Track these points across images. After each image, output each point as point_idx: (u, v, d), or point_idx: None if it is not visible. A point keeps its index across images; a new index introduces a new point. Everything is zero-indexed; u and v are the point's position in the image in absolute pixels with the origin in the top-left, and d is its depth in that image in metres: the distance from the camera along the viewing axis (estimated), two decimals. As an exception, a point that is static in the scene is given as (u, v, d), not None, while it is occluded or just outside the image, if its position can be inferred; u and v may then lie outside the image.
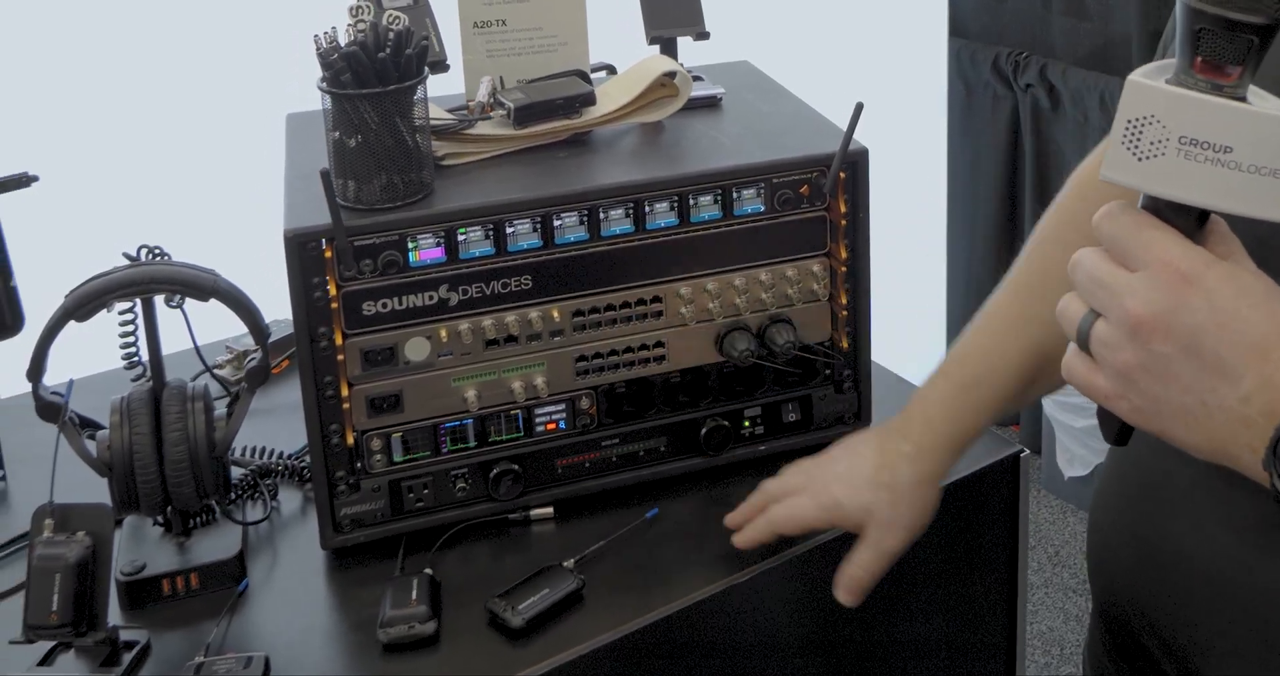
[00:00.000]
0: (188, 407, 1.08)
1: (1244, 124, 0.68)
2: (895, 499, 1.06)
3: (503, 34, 1.26)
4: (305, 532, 1.18)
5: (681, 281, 1.17)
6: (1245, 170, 0.68)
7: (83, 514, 0.99)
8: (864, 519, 1.06)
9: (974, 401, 1.07)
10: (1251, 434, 0.69)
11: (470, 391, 1.13)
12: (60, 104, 1.86)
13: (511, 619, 1.04)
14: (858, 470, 1.08)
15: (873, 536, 1.06)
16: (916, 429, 1.08)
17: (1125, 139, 0.69)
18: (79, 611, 0.97)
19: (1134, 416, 0.73)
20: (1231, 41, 0.67)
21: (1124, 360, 0.71)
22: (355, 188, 1.08)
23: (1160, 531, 0.90)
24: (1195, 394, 0.70)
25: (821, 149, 1.19)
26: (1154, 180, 0.70)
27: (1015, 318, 1.08)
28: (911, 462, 1.07)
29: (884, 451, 1.08)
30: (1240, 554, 0.84)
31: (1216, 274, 0.69)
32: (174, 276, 1.06)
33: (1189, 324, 0.69)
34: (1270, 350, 0.69)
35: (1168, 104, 0.68)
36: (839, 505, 1.07)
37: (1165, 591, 0.90)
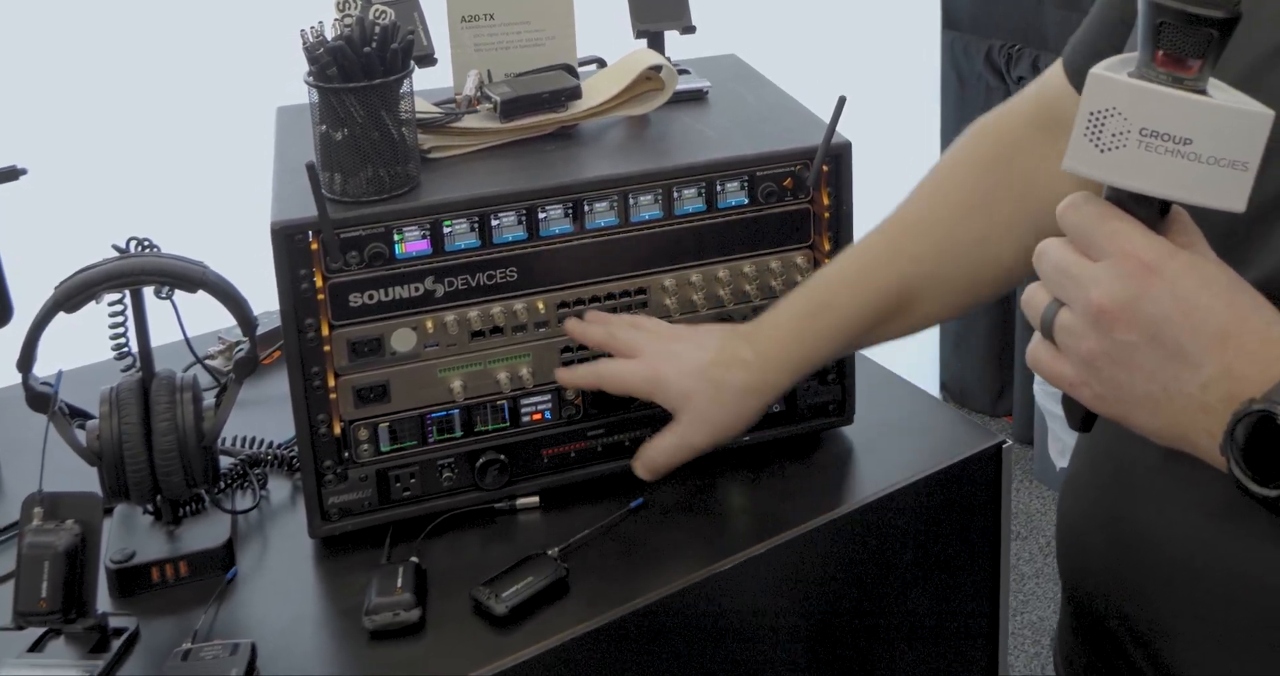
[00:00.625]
0: (176, 398, 1.09)
1: (1203, 116, 0.69)
2: (716, 397, 1.09)
3: (490, 28, 1.27)
4: (294, 521, 1.19)
5: (666, 273, 1.19)
6: (1205, 162, 0.69)
7: (72, 502, 1.00)
8: (681, 404, 1.10)
9: (822, 326, 1.10)
10: (1211, 420, 0.71)
11: (456, 382, 1.14)
12: (50, 96, 1.86)
13: (495, 606, 1.06)
14: (694, 357, 1.10)
15: (683, 425, 1.10)
16: (761, 340, 1.11)
17: (1088, 131, 0.71)
18: (68, 598, 0.98)
19: (1097, 403, 0.75)
20: (1192, 35, 0.69)
21: (1088, 348, 0.73)
22: (341, 180, 1.09)
23: (1126, 516, 0.91)
24: (1157, 381, 0.72)
25: (805, 142, 1.20)
26: (1116, 171, 0.71)
27: (880, 252, 1.11)
28: (746, 369, 1.10)
29: (724, 349, 1.11)
30: (1203, 537, 0.85)
31: (1179, 263, 0.71)
32: (162, 268, 1.07)
33: (1151, 313, 0.71)
34: (1230, 338, 0.70)
35: (1129, 96, 0.70)
36: (663, 382, 1.10)
37: (1131, 575, 0.91)
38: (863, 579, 1.24)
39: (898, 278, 1.09)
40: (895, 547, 1.25)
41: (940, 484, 1.26)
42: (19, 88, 1.83)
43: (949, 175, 1.11)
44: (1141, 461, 0.90)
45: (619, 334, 1.14)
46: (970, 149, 1.11)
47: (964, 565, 1.31)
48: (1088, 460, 0.99)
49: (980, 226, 1.09)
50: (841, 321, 1.10)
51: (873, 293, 1.09)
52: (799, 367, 1.11)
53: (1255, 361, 0.70)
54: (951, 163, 1.12)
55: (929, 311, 1.12)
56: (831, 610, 1.22)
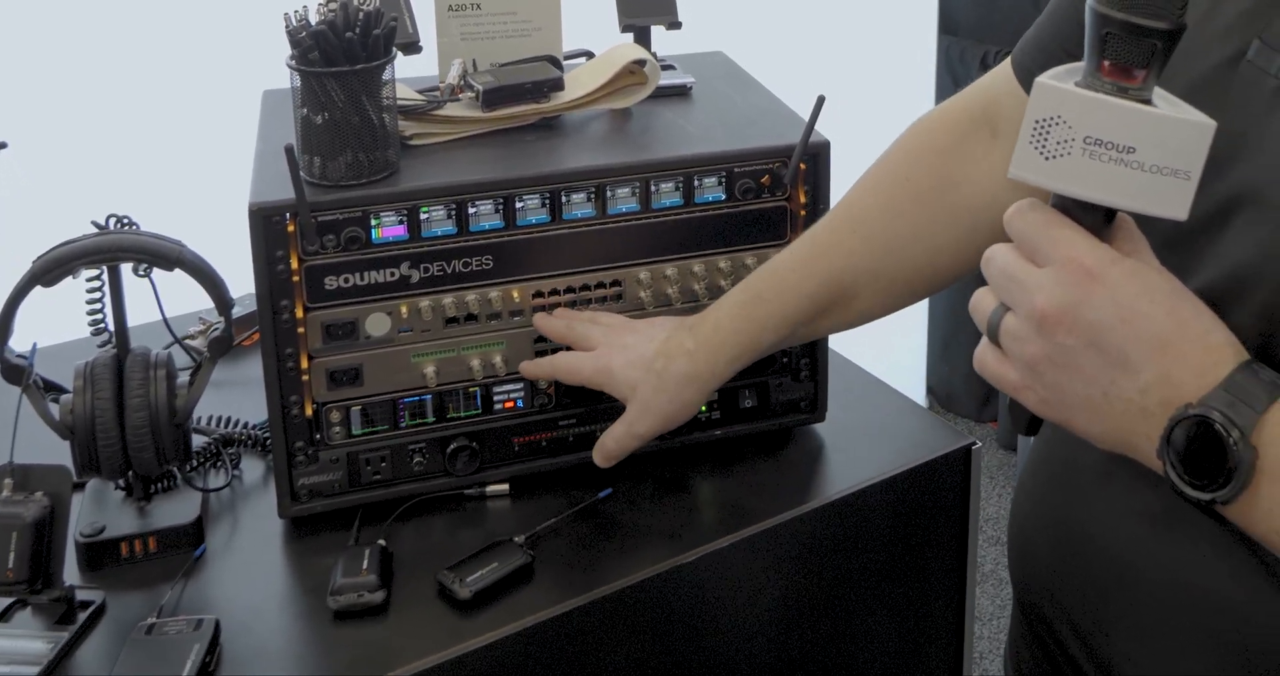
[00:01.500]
0: (150, 374, 1.10)
1: (1146, 125, 0.70)
2: (660, 386, 1.12)
3: (477, 18, 1.28)
4: (265, 501, 1.20)
5: (641, 266, 1.20)
6: (1148, 170, 0.71)
7: (42, 474, 1.01)
8: (628, 394, 1.14)
9: (761, 315, 1.12)
10: (1149, 424, 0.72)
11: (429, 367, 1.15)
12: (34, 72, 1.86)
13: (459, 590, 1.07)
14: (640, 350, 1.14)
15: (631, 414, 1.14)
16: (704, 330, 1.13)
17: (1033, 139, 0.72)
18: (35, 569, 0.99)
19: (1041, 407, 0.76)
20: (1136, 46, 0.70)
21: (1031, 352, 0.74)
22: (321, 164, 1.10)
23: (1071, 518, 0.93)
24: (1098, 385, 0.73)
25: (784, 140, 1.21)
26: (1060, 179, 0.72)
27: (820, 244, 1.12)
28: (689, 358, 1.12)
29: (669, 341, 1.13)
30: (1143, 541, 0.86)
31: (1120, 270, 0.72)
32: (140, 245, 1.08)
33: (1092, 318, 0.72)
34: (1169, 345, 0.71)
35: (1073, 105, 0.71)
36: (610, 372, 1.14)
37: (1075, 576, 0.93)
38: (829, 575, 1.25)
39: (835, 271, 1.11)
40: (863, 545, 1.26)
41: (909, 483, 1.27)
42: (3, 63, 1.83)
43: (890, 170, 1.13)
44: (1084, 465, 0.91)
45: (576, 328, 1.17)
46: (912, 144, 1.13)
47: (931, 565, 1.32)
48: (1035, 464, 1.01)
49: (917, 223, 1.10)
50: (779, 312, 1.12)
51: (810, 285, 1.11)
52: (739, 357, 1.13)
53: (1192, 367, 0.71)
54: (893, 157, 1.13)
55: (866, 307, 1.14)
56: (797, 605, 1.23)
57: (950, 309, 3.31)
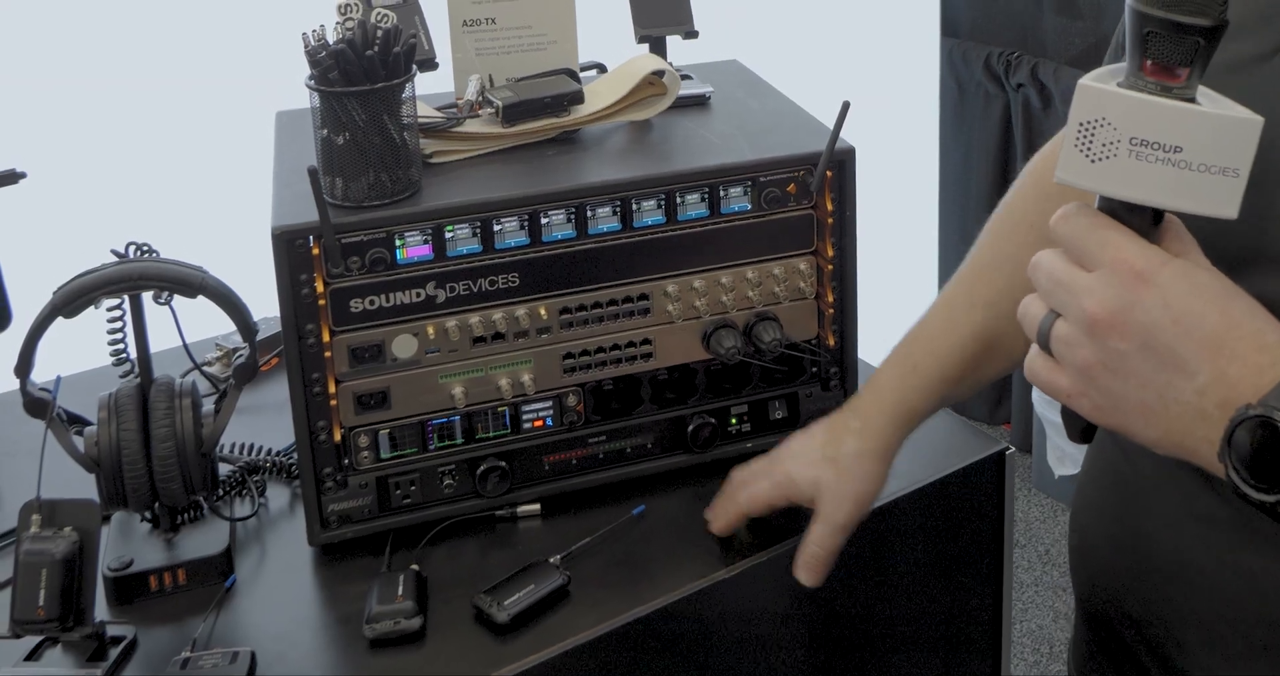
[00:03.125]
0: (175, 404, 1.09)
1: (1192, 124, 0.69)
2: (840, 471, 1.09)
3: (492, 32, 1.27)
4: (293, 529, 1.18)
5: (668, 279, 1.18)
6: (1195, 169, 0.69)
7: (70, 509, 0.99)
8: (814, 492, 1.10)
9: (920, 382, 1.10)
10: (1208, 427, 0.71)
11: (457, 388, 1.14)
12: (50, 100, 1.86)
13: (497, 614, 1.05)
14: (808, 446, 1.12)
15: (824, 510, 1.09)
16: (865, 406, 1.12)
17: (1078, 141, 0.71)
18: (65, 606, 0.97)
19: (1095, 413, 0.75)
20: (1179, 44, 0.69)
21: (1083, 358, 0.73)
22: (343, 185, 1.09)
23: (1134, 525, 0.91)
24: (1153, 389, 0.72)
25: (808, 147, 1.20)
26: (1107, 181, 0.71)
27: (962, 303, 1.11)
28: (857, 436, 1.10)
29: (833, 427, 1.12)
30: (1209, 545, 0.85)
31: (1171, 271, 0.71)
32: (162, 273, 1.07)
33: (1144, 321, 0.71)
34: (1223, 344, 0.70)
35: (1118, 106, 0.70)
36: (791, 480, 1.11)
37: (1141, 585, 0.91)
38: (865, 586, 1.23)
39: (980, 325, 1.09)
40: (897, 555, 1.25)
41: (943, 491, 1.25)
42: (19, 91, 1.82)
43: (1015, 213, 1.11)
44: (1143, 471, 0.90)
45: (736, 476, 1.15)
46: (1032, 184, 1.11)
47: (966, 572, 1.30)
48: (1094, 470, 0.99)
49: None
50: (936, 375, 1.10)
51: (957, 344, 1.09)
52: (906, 422, 1.12)
53: (1249, 367, 0.70)
54: (1016, 200, 1.12)
55: (1018, 347, 1.11)
56: (833, 618, 1.22)
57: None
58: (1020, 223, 1.09)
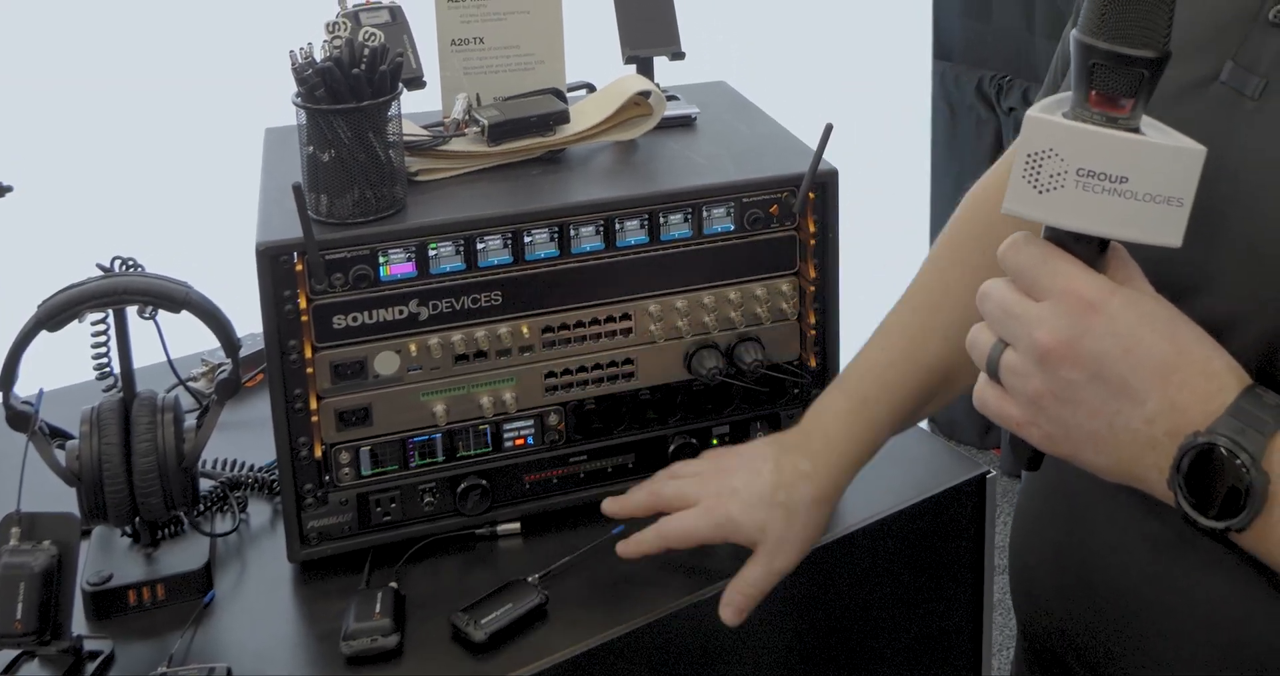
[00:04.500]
0: (157, 418, 1.09)
1: (1138, 154, 0.70)
2: (791, 519, 1.06)
3: (480, 52, 1.28)
4: (273, 545, 1.18)
5: (651, 299, 1.18)
6: (1141, 199, 0.70)
7: (49, 523, 1.00)
8: (758, 537, 1.06)
9: (871, 417, 1.08)
10: (1157, 454, 0.72)
11: (439, 406, 1.14)
12: (37, 114, 1.87)
13: (474, 633, 1.05)
14: (754, 487, 1.07)
15: (764, 555, 1.06)
16: (816, 446, 1.09)
17: (1026, 173, 0.72)
18: (43, 620, 0.97)
19: (1045, 442, 0.76)
20: (1124, 75, 0.70)
21: (1034, 388, 0.74)
22: (328, 202, 1.09)
23: (1074, 547, 0.92)
24: (1102, 418, 0.72)
25: (791, 169, 1.20)
26: (1055, 212, 0.72)
27: (913, 334, 1.09)
28: (810, 481, 1.07)
29: (781, 469, 1.08)
30: (1151, 569, 0.85)
31: (1119, 300, 0.72)
32: (146, 287, 1.07)
33: (1094, 350, 0.71)
34: (1171, 372, 0.71)
35: (1065, 138, 0.71)
36: (733, 521, 1.07)
37: (1083, 608, 0.91)
38: (846, 607, 1.23)
39: (936, 357, 1.08)
40: (879, 576, 1.25)
41: (924, 513, 1.25)
42: (7, 106, 1.83)
43: (959, 242, 1.11)
44: (1085, 494, 0.90)
45: (664, 491, 1.11)
46: (973, 212, 1.11)
47: (948, 594, 1.31)
48: (1036, 495, 0.99)
49: None
50: (890, 409, 1.08)
51: (916, 375, 1.08)
52: (857, 464, 1.10)
53: (1197, 395, 0.71)
54: (958, 229, 1.11)
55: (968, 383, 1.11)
56: (813, 639, 1.22)
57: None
58: (966, 251, 1.09)
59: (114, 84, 1.91)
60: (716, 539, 1.08)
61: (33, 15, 1.88)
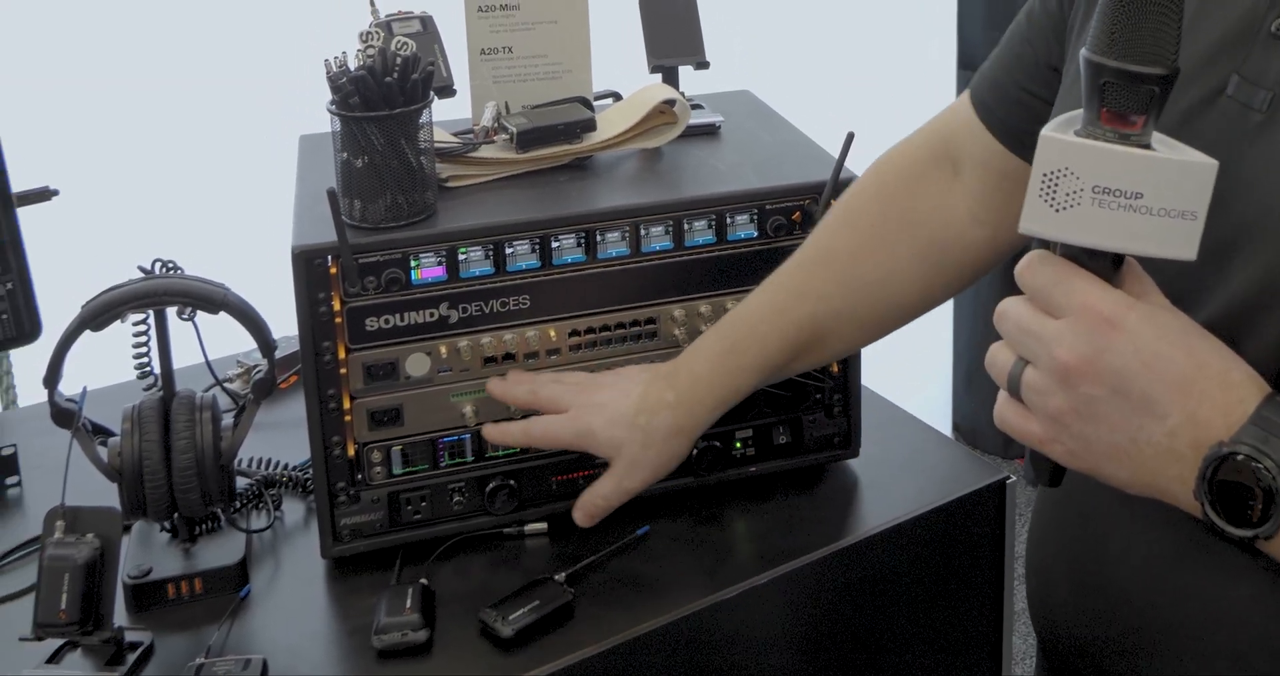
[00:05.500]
0: (196, 417, 1.12)
1: (1152, 170, 0.71)
2: (647, 442, 1.12)
3: (509, 61, 1.30)
4: (306, 542, 1.21)
5: (675, 304, 1.21)
6: (1156, 214, 0.72)
7: (92, 516, 1.02)
8: (613, 454, 1.13)
9: (739, 363, 1.13)
10: (1181, 466, 0.73)
11: (468, 407, 1.17)
12: (82, 121, 1.91)
13: (502, 629, 1.07)
14: (619, 407, 1.13)
15: (618, 471, 1.13)
16: (683, 381, 1.13)
17: (1043, 192, 0.73)
18: (86, 610, 1.00)
19: (1068, 458, 0.76)
20: (1134, 93, 0.71)
21: (1055, 405, 0.74)
22: (361, 207, 1.12)
23: (1091, 560, 0.92)
24: (1125, 432, 0.73)
25: (814, 177, 1.23)
26: (1071, 229, 0.73)
27: (793, 290, 1.13)
28: (672, 411, 1.12)
29: (647, 395, 1.13)
30: (1167, 578, 0.86)
31: (1138, 315, 0.73)
32: (185, 289, 1.10)
33: (1115, 366, 0.72)
34: (1192, 385, 0.72)
35: (1080, 156, 0.72)
36: (593, 434, 1.13)
37: (1102, 623, 0.92)
38: (866, 611, 1.25)
39: (809, 315, 1.12)
40: (899, 581, 1.26)
41: (944, 518, 1.27)
42: (52, 112, 1.87)
43: (854, 209, 1.14)
44: (1100, 506, 0.91)
45: (542, 391, 1.15)
46: (874, 182, 1.14)
47: (966, 602, 1.32)
48: (1049, 505, 1.00)
49: (882, 263, 1.12)
50: (758, 358, 1.13)
51: (786, 330, 1.12)
52: (720, 404, 1.14)
53: (1218, 406, 0.72)
54: (856, 196, 1.15)
55: (839, 347, 1.17)
56: (833, 642, 1.23)
57: (974, 345, 3.31)
58: (859, 218, 1.13)
59: (156, 93, 1.95)
60: (575, 446, 1.15)
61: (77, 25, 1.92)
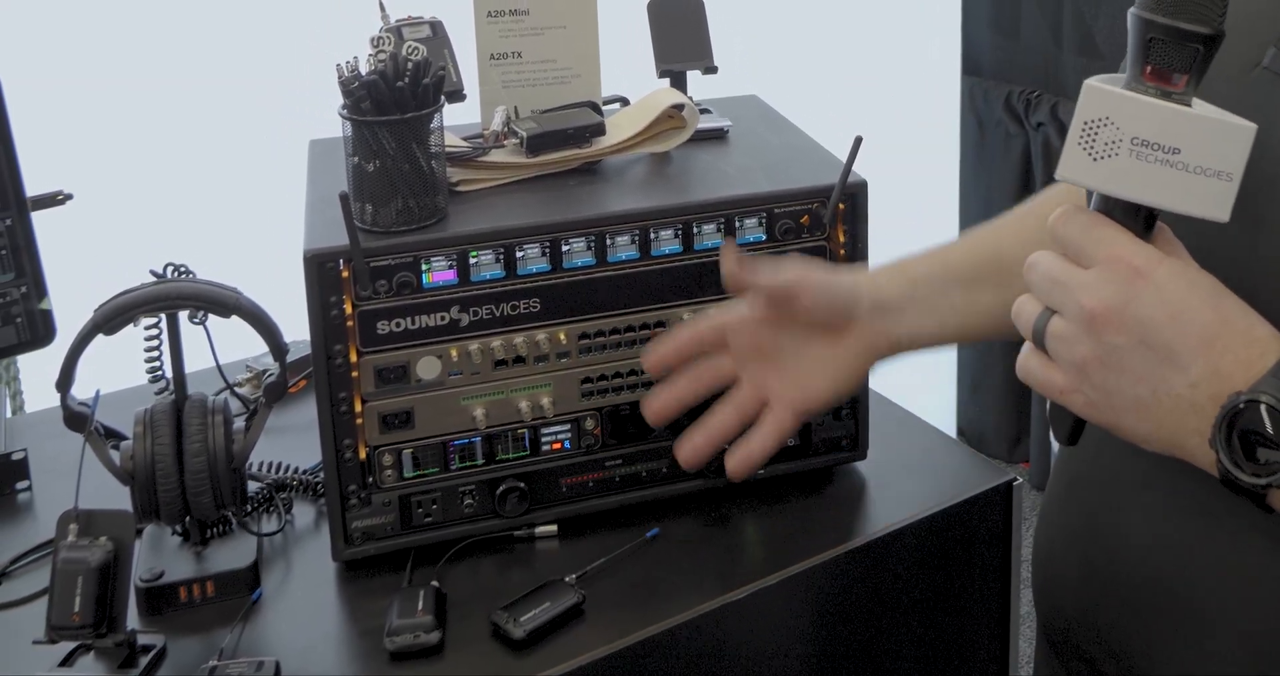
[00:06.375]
0: (208, 420, 1.12)
1: (1191, 127, 0.73)
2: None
3: (518, 66, 1.31)
4: (317, 544, 1.21)
5: (685, 307, 1.21)
6: (1192, 171, 0.73)
7: (105, 519, 1.03)
8: (852, 297, 1.06)
9: (906, 266, 1.10)
10: (1199, 419, 0.73)
11: (479, 410, 1.17)
12: (94, 126, 1.92)
13: (513, 630, 1.08)
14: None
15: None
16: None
17: (1082, 140, 0.74)
18: (99, 613, 1.01)
19: (1089, 410, 0.77)
20: (1179, 50, 0.73)
21: (1080, 353, 0.75)
22: (373, 211, 1.13)
23: (1102, 534, 0.93)
24: (1147, 383, 0.74)
25: (822, 181, 1.23)
26: (1108, 179, 0.74)
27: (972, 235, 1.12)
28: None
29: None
30: (1183, 549, 0.86)
31: (1167, 268, 0.74)
32: (198, 293, 1.11)
33: (1141, 315, 0.73)
34: (1215, 339, 0.73)
35: (1122, 107, 0.73)
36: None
37: (1115, 600, 0.92)
38: (873, 612, 1.25)
39: (993, 249, 1.09)
40: (906, 582, 1.27)
41: (951, 520, 1.27)
42: (66, 117, 1.88)
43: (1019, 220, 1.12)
44: (1115, 481, 0.91)
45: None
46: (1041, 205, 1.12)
47: (974, 602, 1.32)
48: (1059, 487, 1.00)
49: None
50: (939, 259, 1.10)
51: (967, 249, 1.11)
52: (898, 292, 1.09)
53: (1240, 360, 0.73)
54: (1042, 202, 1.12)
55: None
56: (841, 643, 1.24)
57: (979, 349, 3.32)
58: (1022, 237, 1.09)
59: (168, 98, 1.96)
60: (826, 289, 1.07)
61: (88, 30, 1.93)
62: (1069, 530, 0.98)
